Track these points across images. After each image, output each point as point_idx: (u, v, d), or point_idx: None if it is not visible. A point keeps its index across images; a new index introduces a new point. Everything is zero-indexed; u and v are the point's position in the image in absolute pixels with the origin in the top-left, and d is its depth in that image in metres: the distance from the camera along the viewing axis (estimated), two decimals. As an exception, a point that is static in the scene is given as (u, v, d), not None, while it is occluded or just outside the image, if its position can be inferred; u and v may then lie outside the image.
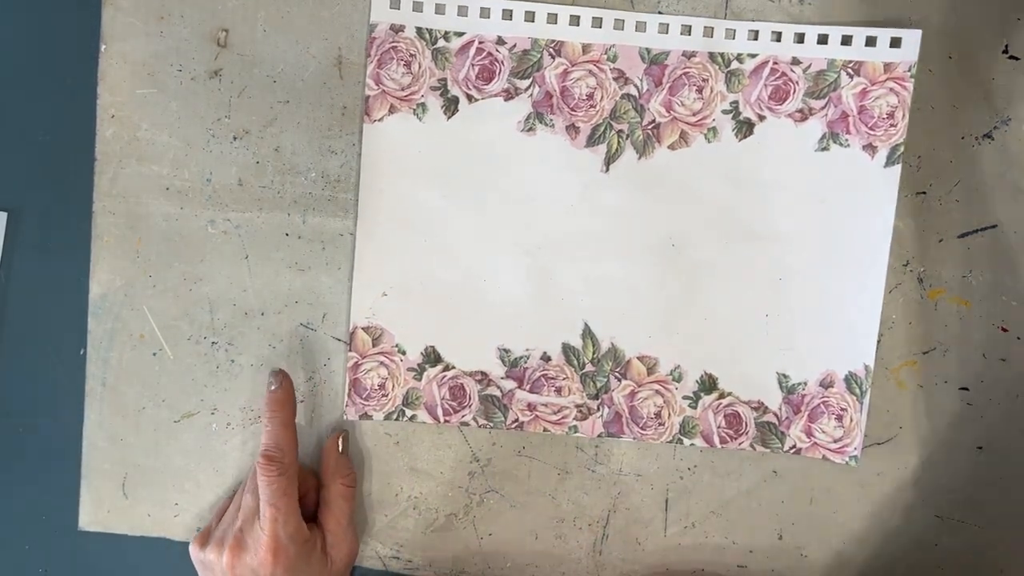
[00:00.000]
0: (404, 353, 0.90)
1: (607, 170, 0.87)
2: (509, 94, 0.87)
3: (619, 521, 0.91)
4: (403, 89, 0.87)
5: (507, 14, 0.86)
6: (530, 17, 0.86)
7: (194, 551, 0.85)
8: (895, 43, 0.85)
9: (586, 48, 0.86)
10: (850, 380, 0.88)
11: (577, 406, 0.89)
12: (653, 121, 0.87)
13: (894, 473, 0.89)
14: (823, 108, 0.86)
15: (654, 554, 0.91)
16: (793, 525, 0.90)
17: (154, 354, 0.90)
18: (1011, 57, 0.85)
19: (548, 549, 0.91)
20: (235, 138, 0.88)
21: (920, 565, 0.89)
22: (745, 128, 0.86)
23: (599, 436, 0.89)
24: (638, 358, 0.89)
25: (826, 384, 0.88)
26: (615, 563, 0.91)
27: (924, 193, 0.86)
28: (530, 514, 0.91)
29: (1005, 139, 0.86)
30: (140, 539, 0.92)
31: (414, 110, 0.87)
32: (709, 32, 0.86)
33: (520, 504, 0.91)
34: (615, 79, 0.86)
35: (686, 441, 0.90)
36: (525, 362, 0.89)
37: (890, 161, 0.86)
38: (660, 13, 0.86)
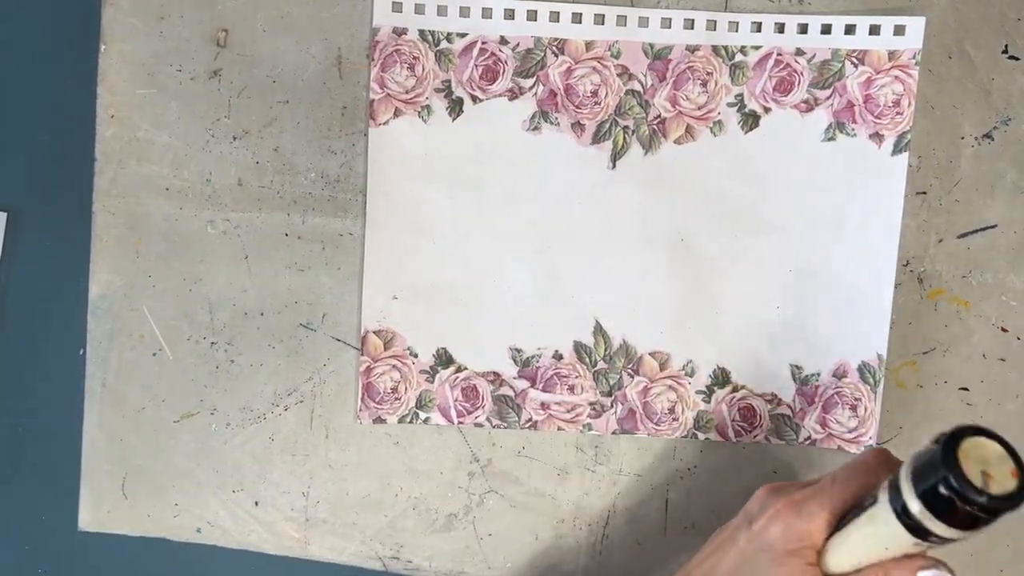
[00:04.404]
0: (416, 356, 0.90)
1: (614, 167, 0.87)
2: (513, 93, 0.87)
3: (619, 521, 0.90)
4: (407, 92, 0.87)
5: (509, 14, 0.86)
6: (532, 16, 0.86)
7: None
8: (899, 31, 0.85)
9: (589, 45, 0.86)
10: (863, 370, 0.88)
11: (591, 404, 0.89)
12: (658, 116, 0.87)
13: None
14: (828, 98, 0.86)
15: (654, 554, 0.91)
16: (793, 525, 0.90)
17: (154, 354, 0.90)
18: (1011, 57, 0.85)
19: (548, 549, 0.91)
20: (235, 138, 0.88)
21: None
22: (751, 120, 0.86)
23: (613, 433, 0.90)
24: (650, 354, 0.89)
25: (839, 375, 0.88)
26: (615, 563, 0.91)
27: (924, 193, 0.86)
28: (530, 514, 0.91)
29: (1005, 139, 0.86)
30: (140, 539, 0.92)
31: (419, 112, 0.87)
32: (712, 25, 0.86)
33: (520, 504, 0.91)
34: (619, 75, 0.86)
35: (700, 436, 0.90)
36: (537, 361, 0.89)
37: (897, 149, 0.86)
38: (662, 8, 0.86)
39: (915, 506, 0.59)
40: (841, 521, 0.69)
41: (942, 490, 0.57)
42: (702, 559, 0.76)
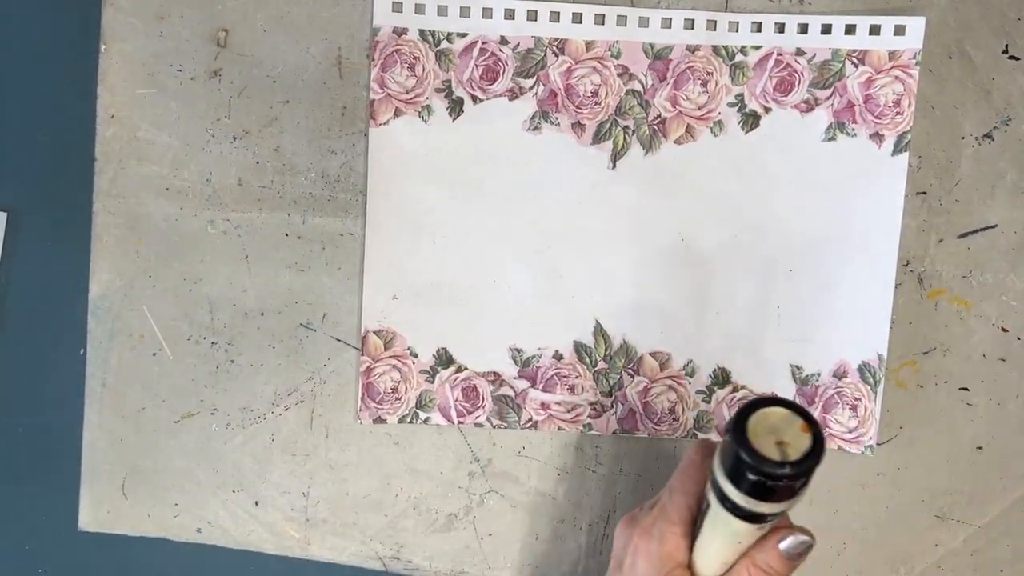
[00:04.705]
0: (416, 356, 0.90)
1: (614, 167, 0.87)
2: (514, 93, 0.87)
3: (619, 521, 0.90)
4: (408, 92, 0.87)
5: (509, 13, 0.86)
6: (532, 16, 0.86)
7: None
8: (899, 31, 0.85)
9: (589, 45, 0.86)
10: (863, 370, 0.88)
11: (591, 404, 0.89)
12: (659, 116, 0.87)
13: (894, 473, 0.89)
14: (829, 98, 0.86)
15: (654, 554, 0.91)
16: (793, 525, 0.90)
17: (154, 354, 0.90)
18: (1011, 57, 0.85)
19: (548, 549, 0.91)
20: (235, 138, 0.88)
21: (920, 565, 0.90)
22: (751, 120, 0.86)
23: (613, 433, 0.90)
24: (650, 354, 0.89)
25: (839, 374, 0.88)
26: (615, 563, 0.91)
27: (924, 193, 0.86)
28: (530, 514, 0.91)
29: (1005, 139, 0.86)
30: (140, 539, 0.92)
31: (419, 112, 0.87)
32: (712, 25, 0.86)
33: (520, 504, 0.91)
34: (619, 75, 0.86)
35: (701, 436, 0.89)
36: (537, 361, 0.89)
37: (897, 149, 0.86)
38: (662, 8, 0.86)
39: (740, 499, 0.61)
40: (695, 527, 0.70)
41: (751, 476, 0.59)
42: None
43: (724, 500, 0.62)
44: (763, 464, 0.58)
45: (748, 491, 0.60)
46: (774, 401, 0.60)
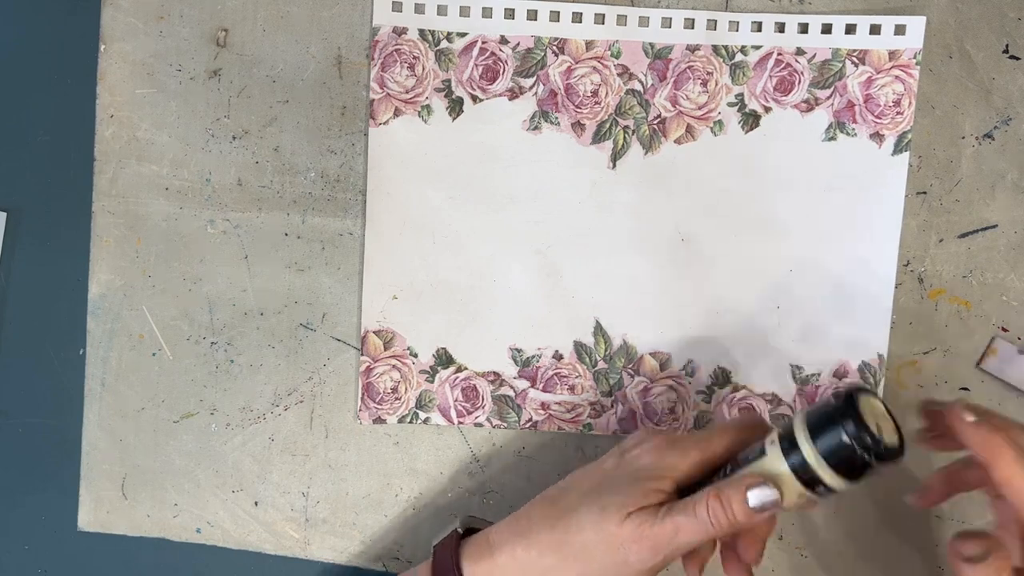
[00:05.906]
0: (416, 356, 0.90)
1: (614, 166, 0.87)
2: (514, 93, 0.87)
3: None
4: (407, 92, 0.87)
5: (509, 13, 0.86)
6: (532, 15, 0.86)
7: None
8: (899, 31, 0.85)
9: (589, 45, 0.86)
10: (863, 370, 0.88)
11: (591, 404, 0.89)
12: (659, 116, 0.87)
13: (894, 473, 0.89)
14: (829, 98, 0.86)
15: (654, 554, 0.91)
16: (793, 525, 0.90)
17: (153, 354, 0.90)
18: (1011, 57, 0.85)
19: (548, 549, 0.91)
20: (234, 138, 0.88)
21: (920, 565, 0.89)
22: (751, 120, 0.86)
23: (614, 433, 0.89)
24: (650, 354, 0.89)
25: (840, 374, 0.88)
26: (615, 563, 0.91)
27: (924, 193, 0.86)
28: (530, 514, 0.91)
29: (1005, 139, 0.86)
30: (140, 539, 0.92)
31: (419, 112, 0.87)
32: (712, 25, 0.86)
33: (520, 504, 0.91)
34: (619, 75, 0.86)
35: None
36: (537, 361, 0.89)
37: (898, 149, 0.86)
38: (662, 7, 0.86)
39: (812, 457, 0.64)
40: (716, 473, 0.72)
41: (844, 438, 0.62)
42: (566, 479, 0.78)
43: (794, 455, 0.65)
44: (864, 431, 0.62)
45: (828, 452, 0.63)
46: (877, 396, 0.66)
